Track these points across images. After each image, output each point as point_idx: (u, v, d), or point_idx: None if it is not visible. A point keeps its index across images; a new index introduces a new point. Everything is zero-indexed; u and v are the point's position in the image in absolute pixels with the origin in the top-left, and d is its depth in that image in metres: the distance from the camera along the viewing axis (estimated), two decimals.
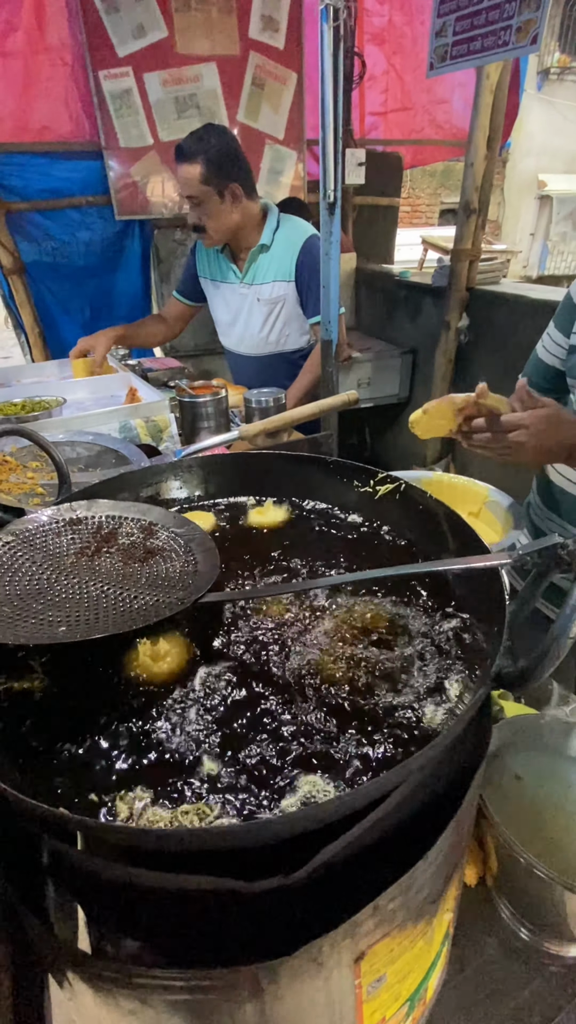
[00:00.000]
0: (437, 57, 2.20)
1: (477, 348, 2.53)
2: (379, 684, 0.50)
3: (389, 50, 3.52)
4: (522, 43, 1.87)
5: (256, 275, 1.75)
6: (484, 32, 1.99)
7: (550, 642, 0.36)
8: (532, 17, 1.86)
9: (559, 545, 0.37)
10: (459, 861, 0.47)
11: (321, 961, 0.35)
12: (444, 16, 2.15)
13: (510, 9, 1.91)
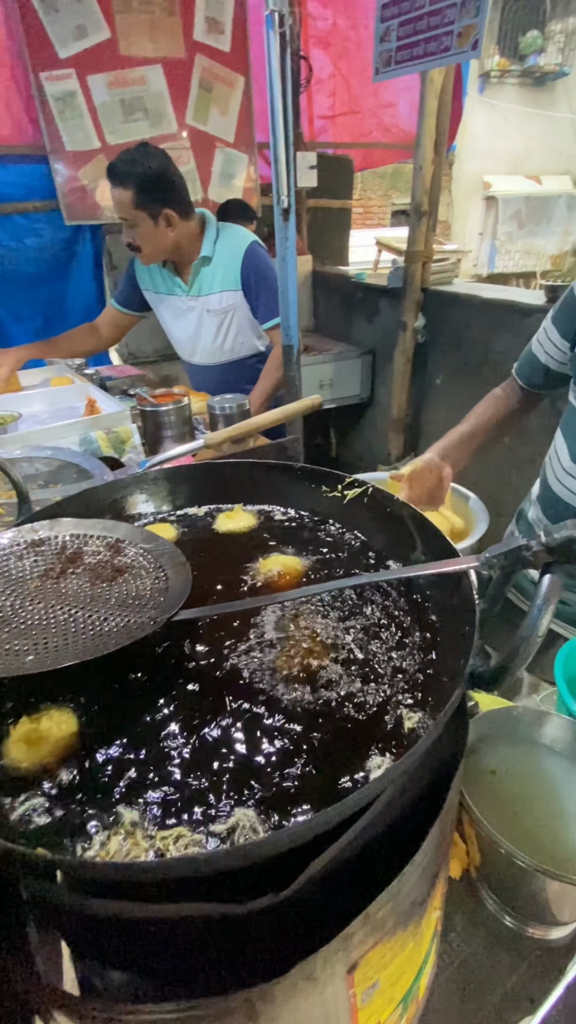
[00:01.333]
0: (382, 62, 2.24)
1: (434, 347, 2.59)
2: (354, 688, 0.51)
3: (334, 54, 3.56)
4: (463, 48, 1.93)
5: (202, 287, 1.74)
6: (426, 37, 2.03)
7: (519, 642, 0.37)
8: (472, 23, 1.92)
9: (523, 547, 0.38)
10: (444, 859, 0.48)
11: (315, 977, 0.34)
12: (387, 21, 2.19)
13: (451, 14, 1.96)
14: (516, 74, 8.47)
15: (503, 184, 8.62)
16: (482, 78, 8.37)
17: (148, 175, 1.50)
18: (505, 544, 0.39)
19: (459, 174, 8.61)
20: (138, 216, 1.54)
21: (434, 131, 2.26)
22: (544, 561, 0.38)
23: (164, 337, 2.14)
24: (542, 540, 0.37)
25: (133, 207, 1.53)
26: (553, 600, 0.37)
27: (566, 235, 8.90)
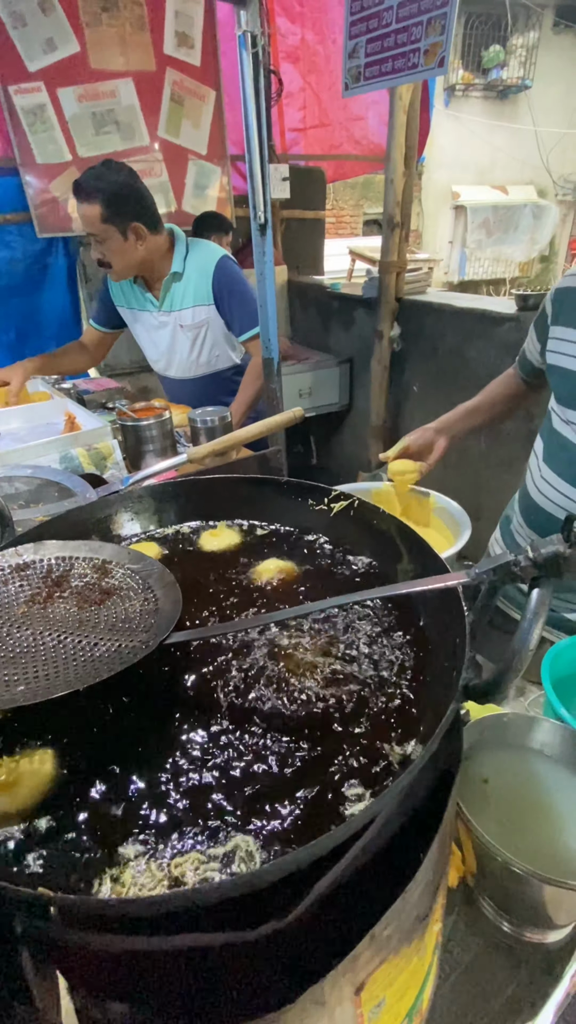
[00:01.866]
0: (351, 78, 2.28)
1: (410, 355, 2.64)
2: (347, 706, 0.51)
3: (304, 68, 3.61)
4: (430, 65, 1.98)
5: (173, 302, 1.74)
6: (394, 54, 2.08)
7: (512, 656, 0.38)
8: (438, 40, 1.97)
9: (512, 563, 0.39)
10: (444, 872, 0.48)
11: (323, 1001, 0.34)
12: (355, 38, 2.24)
13: (417, 32, 2.01)
14: (480, 87, 8.73)
15: (471, 194, 8.84)
16: (447, 91, 8.60)
17: (115, 189, 1.50)
18: (494, 560, 0.40)
19: (428, 184, 8.81)
20: (107, 231, 1.54)
21: (404, 145, 2.31)
22: (532, 575, 0.39)
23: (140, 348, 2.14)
24: (529, 555, 0.38)
25: (101, 222, 1.52)
26: (543, 613, 0.38)
27: (533, 243, 9.16)
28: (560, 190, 9.43)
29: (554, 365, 0.92)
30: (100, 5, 2.69)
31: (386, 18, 2.05)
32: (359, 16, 2.13)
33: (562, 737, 0.62)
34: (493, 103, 9.00)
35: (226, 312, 1.73)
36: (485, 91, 8.85)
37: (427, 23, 1.91)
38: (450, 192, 8.96)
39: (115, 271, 1.65)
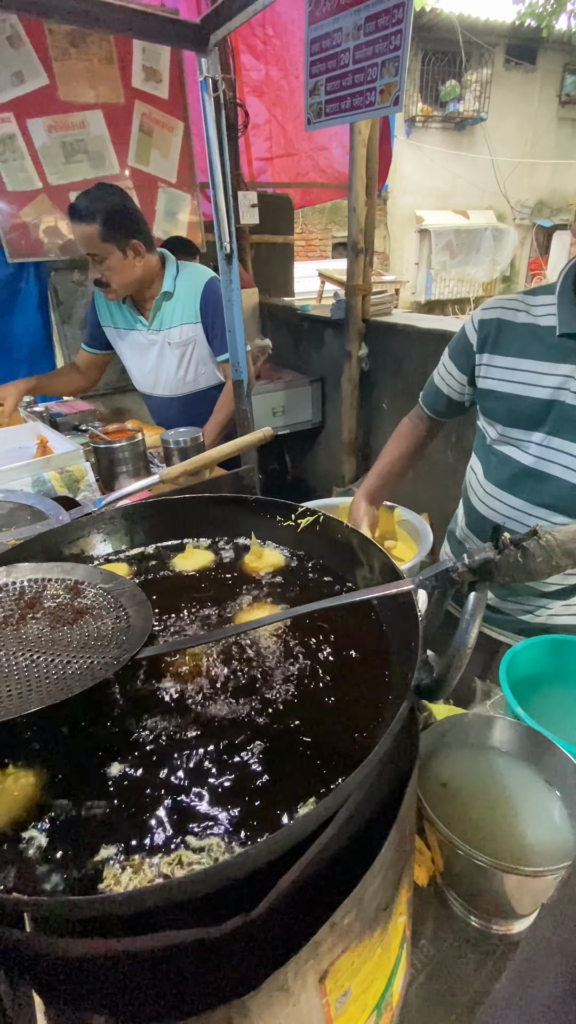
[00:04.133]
0: (313, 113, 2.39)
1: (378, 374, 2.72)
2: (310, 709, 0.54)
3: (269, 102, 3.76)
4: (386, 104, 2.09)
5: (163, 321, 1.78)
6: (352, 93, 2.19)
7: (453, 653, 0.41)
8: (392, 81, 2.09)
9: (450, 569, 0.43)
10: (406, 866, 0.51)
11: (288, 987, 0.37)
12: (315, 77, 2.35)
13: (373, 73, 2.13)
14: (439, 119, 9.17)
15: (434, 218, 9.22)
16: (408, 123, 9.01)
17: (112, 208, 1.55)
18: (435, 568, 0.44)
19: (393, 209, 9.16)
20: (106, 249, 1.58)
21: (364, 176, 2.42)
22: (469, 580, 0.42)
23: (115, 370, 2.15)
24: (464, 562, 0.42)
25: (101, 240, 1.56)
26: (478, 614, 0.42)
27: (494, 264, 9.56)
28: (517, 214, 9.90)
29: (489, 390, 0.99)
30: (68, 40, 2.76)
31: (344, 59, 2.16)
32: (318, 57, 2.24)
33: (517, 734, 0.65)
34: (452, 134, 9.45)
35: (209, 331, 1.78)
36: (444, 123, 9.30)
37: (381, 65, 2.03)
38: (414, 216, 9.32)
39: (113, 289, 1.67)
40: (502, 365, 0.97)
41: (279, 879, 0.37)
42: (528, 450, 0.95)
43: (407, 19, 1.95)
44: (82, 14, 0.93)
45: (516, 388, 0.95)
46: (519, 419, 0.95)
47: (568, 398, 0.89)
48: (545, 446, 0.93)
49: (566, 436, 0.90)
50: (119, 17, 0.96)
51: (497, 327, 0.99)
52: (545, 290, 0.96)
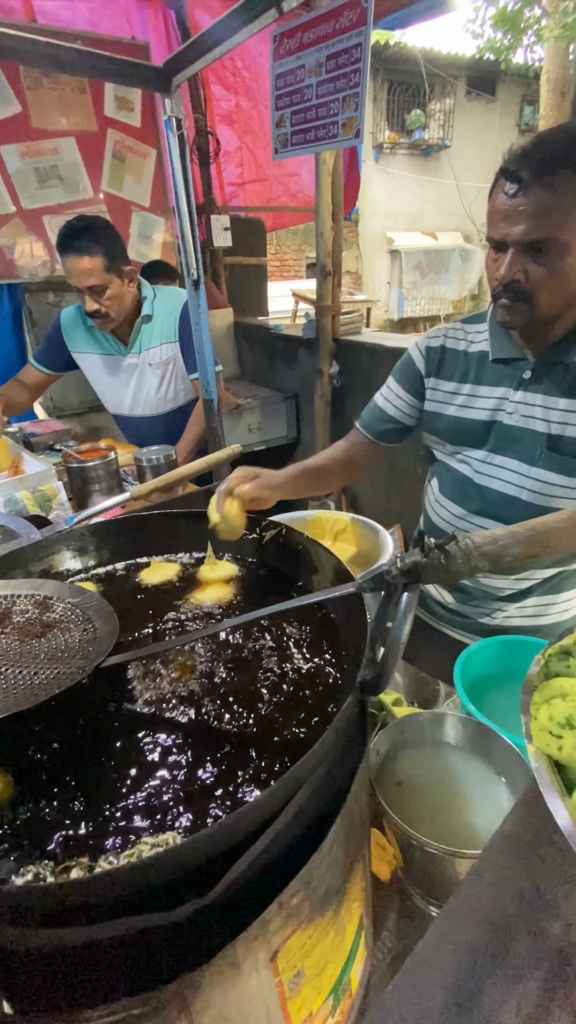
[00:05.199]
0: (280, 143, 2.49)
1: (349, 390, 2.80)
2: (268, 707, 0.57)
3: (239, 130, 3.88)
4: (348, 136, 2.20)
5: (142, 343, 1.82)
6: (316, 125, 2.30)
7: (388, 648, 0.45)
8: (353, 115, 2.20)
9: (385, 572, 0.48)
10: (358, 854, 0.54)
11: (238, 964, 0.39)
12: (281, 110, 2.46)
13: (335, 107, 2.24)
14: (406, 146, 9.54)
15: (404, 239, 9.54)
16: (376, 149, 9.35)
17: (111, 238, 1.59)
18: (371, 571, 0.48)
19: (365, 231, 9.45)
20: (109, 279, 1.61)
21: (330, 202, 2.53)
22: (402, 582, 0.47)
23: (90, 389, 2.16)
24: (397, 565, 0.46)
25: (104, 272, 1.59)
26: (410, 612, 0.46)
27: (462, 283, 9.90)
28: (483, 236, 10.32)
29: (436, 412, 1.06)
30: (41, 70, 2.83)
31: (307, 94, 2.27)
32: (283, 91, 2.35)
33: (468, 729, 0.69)
34: (418, 160, 9.83)
35: (186, 350, 1.82)
36: (411, 149, 9.67)
37: (343, 100, 2.14)
38: (385, 238, 9.62)
39: (113, 319, 1.70)
40: (446, 389, 1.04)
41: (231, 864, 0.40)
42: (474, 466, 1.01)
43: (364, 58, 2.07)
44: (50, 59, 0.98)
45: (459, 411, 1.02)
46: (464, 438, 1.02)
47: (504, 418, 0.96)
48: (488, 463, 0.99)
49: (505, 453, 0.97)
50: (86, 62, 1.01)
51: (441, 353, 1.06)
52: (479, 318, 1.03)
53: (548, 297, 0.81)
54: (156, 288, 1.84)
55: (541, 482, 0.92)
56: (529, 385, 0.92)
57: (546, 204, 0.74)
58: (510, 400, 0.95)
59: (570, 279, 0.79)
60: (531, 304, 0.82)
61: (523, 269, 0.79)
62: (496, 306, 0.87)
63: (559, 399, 0.89)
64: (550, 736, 0.39)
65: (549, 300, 0.81)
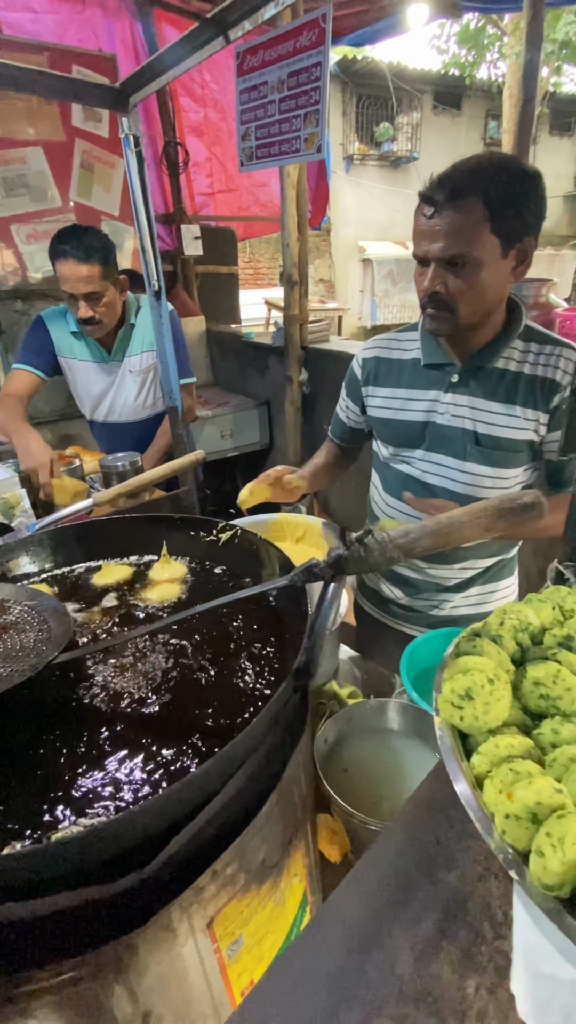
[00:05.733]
0: (245, 156, 2.55)
1: (318, 397, 2.86)
2: (214, 692, 0.60)
3: (208, 141, 3.94)
4: (310, 151, 2.27)
5: (124, 351, 1.85)
6: (279, 140, 2.37)
7: (315, 636, 0.49)
8: (315, 131, 2.27)
9: (313, 565, 0.52)
10: (298, 832, 0.58)
11: (173, 928, 0.43)
12: (246, 124, 2.52)
13: (297, 123, 2.31)
14: (375, 157, 9.75)
15: (375, 248, 9.72)
16: (347, 160, 9.53)
17: (107, 246, 1.61)
18: (302, 566, 0.52)
19: (337, 240, 9.61)
20: (105, 287, 1.63)
21: (296, 214, 2.59)
22: (328, 575, 0.51)
23: (62, 397, 2.16)
24: (323, 559, 0.50)
25: (102, 279, 1.61)
26: (335, 602, 0.50)
27: None
28: None
29: (376, 417, 1.14)
30: None
31: (270, 109, 2.34)
32: (247, 106, 2.41)
33: (408, 714, 0.74)
34: (388, 171, 10.05)
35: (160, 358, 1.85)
36: (380, 161, 9.89)
37: (304, 116, 2.21)
38: (357, 247, 9.79)
39: (105, 326, 1.71)
40: (383, 395, 1.12)
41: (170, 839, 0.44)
42: (414, 464, 1.08)
43: (324, 77, 2.13)
44: (10, 79, 1.01)
45: (397, 414, 1.09)
46: (403, 439, 1.09)
47: (437, 419, 1.03)
48: (425, 460, 1.07)
49: (439, 451, 1.05)
50: (46, 83, 1.05)
51: (376, 363, 1.14)
52: (411, 328, 1.12)
53: (467, 306, 0.89)
54: (140, 297, 1.87)
55: (472, 475, 1.00)
56: (457, 388, 1.01)
57: (458, 225, 0.82)
58: (441, 402, 1.02)
59: (486, 292, 0.87)
60: (453, 312, 0.90)
61: (443, 282, 0.87)
62: (424, 315, 0.96)
63: (482, 400, 0.98)
64: (452, 707, 0.43)
65: (469, 309, 0.89)
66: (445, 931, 0.36)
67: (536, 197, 0.84)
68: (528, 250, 0.86)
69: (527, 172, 0.83)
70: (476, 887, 0.38)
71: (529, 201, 0.83)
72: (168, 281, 3.85)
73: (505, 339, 0.96)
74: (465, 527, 0.46)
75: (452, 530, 0.46)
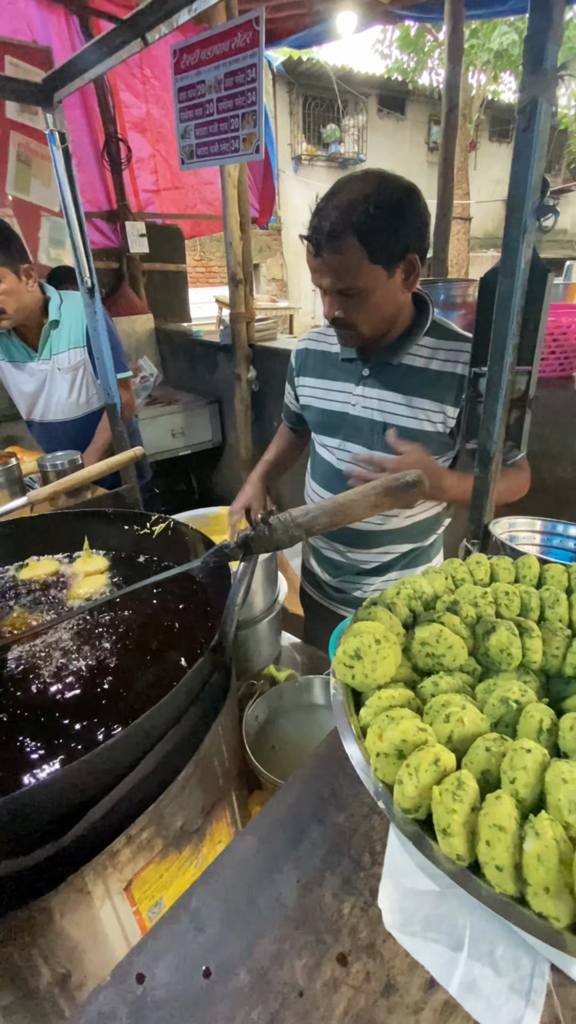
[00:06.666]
0: (185, 154, 2.55)
1: (267, 394, 2.89)
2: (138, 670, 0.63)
3: (152, 138, 3.90)
4: (249, 151, 2.30)
5: (52, 348, 1.82)
6: (218, 139, 2.38)
7: (225, 612, 0.52)
8: (253, 131, 2.30)
9: (224, 546, 0.55)
10: (221, 802, 0.61)
11: (89, 891, 0.45)
12: (185, 122, 2.52)
13: (235, 123, 2.33)
14: (323, 158, 9.86)
15: None
16: (295, 160, 9.60)
17: (4, 231, 1.56)
18: (214, 547, 0.56)
19: (287, 239, 9.66)
20: (4, 274, 1.59)
21: (237, 213, 2.61)
22: (238, 553, 0.54)
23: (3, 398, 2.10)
24: (232, 540, 0.53)
25: None
26: (245, 580, 0.53)
27: None
28: None
29: (307, 405, 1.20)
30: None
31: (209, 108, 2.35)
32: (186, 104, 2.41)
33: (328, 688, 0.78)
34: (336, 172, 10.18)
35: (93, 356, 1.83)
36: (328, 162, 10.02)
37: (242, 116, 2.23)
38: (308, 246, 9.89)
39: (10, 315, 1.67)
40: (310, 385, 1.18)
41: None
42: (334, 453, 1.14)
43: (259, 79, 2.16)
44: None
45: (319, 403, 1.15)
46: (325, 428, 1.15)
47: (351, 410, 1.10)
48: (342, 449, 1.13)
49: (353, 440, 1.11)
50: None
51: (305, 354, 1.20)
52: None
53: (367, 325, 0.96)
54: (62, 293, 1.84)
55: None
56: (367, 381, 1.07)
57: (337, 263, 0.87)
58: (353, 394, 1.09)
59: (380, 310, 0.94)
60: (356, 331, 0.97)
61: (340, 307, 0.94)
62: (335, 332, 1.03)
63: (389, 393, 1.04)
64: (344, 667, 0.47)
65: (369, 327, 0.96)
66: (330, 863, 0.39)
67: (413, 212, 0.87)
68: (414, 262, 0.91)
69: (399, 191, 0.86)
70: (361, 823, 0.42)
71: (404, 219, 0.86)
72: (114, 279, 3.79)
73: (410, 337, 1.02)
74: (356, 505, 0.50)
75: (345, 508, 0.50)
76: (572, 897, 0.30)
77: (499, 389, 0.67)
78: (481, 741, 0.38)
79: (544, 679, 0.51)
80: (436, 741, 0.39)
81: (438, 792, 0.34)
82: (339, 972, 0.33)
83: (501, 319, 0.64)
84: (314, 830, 0.42)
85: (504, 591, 0.55)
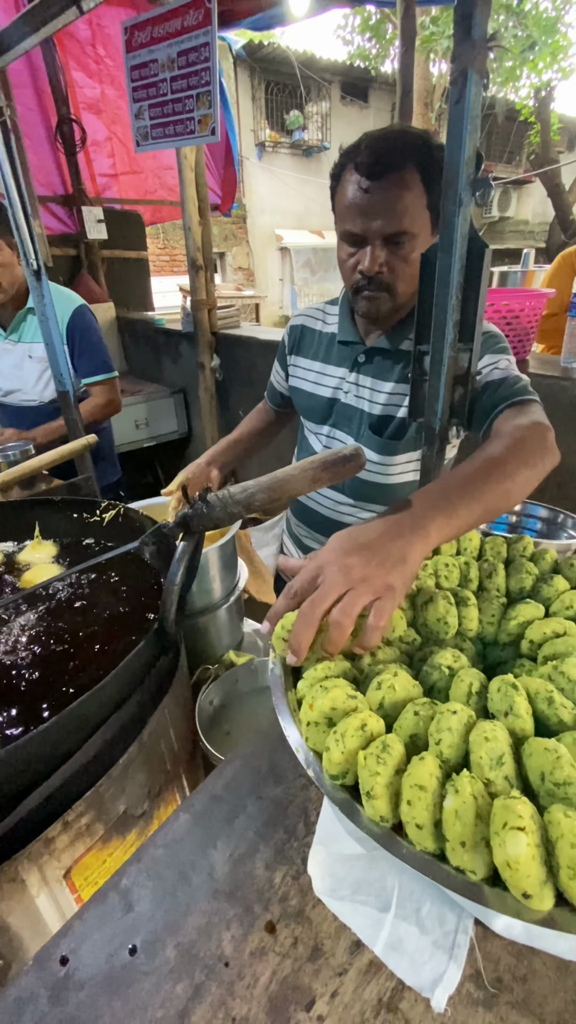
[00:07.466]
0: (140, 136, 2.47)
1: (231, 383, 2.86)
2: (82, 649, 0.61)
3: (108, 119, 3.78)
4: (204, 133, 2.24)
5: (24, 334, 1.77)
6: (173, 120, 2.32)
7: (164, 592, 0.51)
8: (208, 113, 2.25)
9: (163, 526, 0.54)
10: (168, 786, 0.60)
11: (22, 879, 0.44)
12: (139, 102, 2.44)
13: (189, 104, 2.27)
14: (287, 145, 9.76)
15: (292, 237, 9.77)
16: (259, 147, 9.47)
17: None
18: (153, 527, 0.54)
19: (254, 228, 9.55)
20: None
21: (196, 198, 2.56)
22: (178, 533, 0.53)
23: None
24: (171, 520, 0.52)
25: None
26: (184, 559, 0.52)
27: None
28: None
29: (295, 387, 1.14)
30: None
31: (162, 88, 2.28)
32: (140, 84, 2.34)
33: None
34: (300, 159, 10.10)
35: (75, 356, 1.79)
36: (292, 149, 9.91)
37: (196, 97, 2.18)
38: (274, 235, 9.80)
39: (4, 288, 1.62)
40: (303, 366, 1.12)
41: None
42: (322, 441, 1.10)
43: (213, 58, 2.11)
44: None
45: (311, 387, 1.09)
46: (314, 413, 1.10)
47: (342, 396, 1.04)
48: (331, 437, 1.08)
49: (342, 428, 1.06)
50: None
51: (301, 332, 1.13)
52: (336, 301, 1.10)
53: (404, 285, 0.85)
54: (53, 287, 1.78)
55: None
56: (362, 367, 1.01)
57: (399, 199, 0.76)
58: (346, 380, 1.03)
59: (416, 269, 0.79)
60: (392, 293, 0.86)
61: (385, 262, 0.82)
62: (358, 298, 0.89)
63: (381, 383, 0.98)
64: (282, 642, 0.47)
65: (405, 288, 0.85)
66: (264, 835, 0.39)
67: None
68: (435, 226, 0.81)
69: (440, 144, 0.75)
70: (298, 795, 0.42)
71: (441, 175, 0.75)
72: (72, 266, 3.68)
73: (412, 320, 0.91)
74: (295, 480, 0.49)
75: (284, 484, 0.49)
76: (489, 851, 0.31)
77: (441, 367, 0.68)
78: (411, 706, 0.39)
79: (481, 647, 0.52)
80: (367, 708, 0.39)
81: (363, 756, 0.34)
82: (267, 940, 0.33)
83: (441, 294, 0.65)
84: (250, 805, 0.41)
85: (444, 563, 0.55)
